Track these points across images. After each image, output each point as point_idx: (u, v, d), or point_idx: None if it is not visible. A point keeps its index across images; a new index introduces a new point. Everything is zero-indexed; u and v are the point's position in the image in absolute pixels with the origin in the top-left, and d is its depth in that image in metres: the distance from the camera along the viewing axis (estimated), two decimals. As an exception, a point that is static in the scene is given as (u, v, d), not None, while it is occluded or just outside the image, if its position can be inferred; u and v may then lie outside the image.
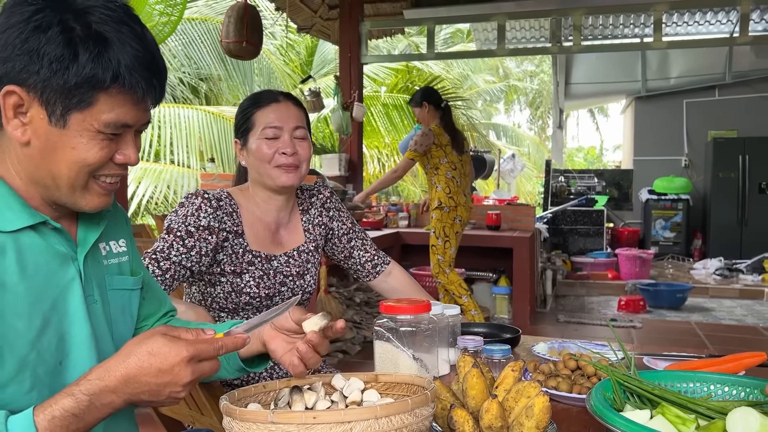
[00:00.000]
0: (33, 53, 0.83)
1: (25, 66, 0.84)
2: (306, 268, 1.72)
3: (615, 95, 10.98)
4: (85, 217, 1.00)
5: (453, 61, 13.70)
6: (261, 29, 4.32)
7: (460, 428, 1.03)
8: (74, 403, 0.81)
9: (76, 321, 0.94)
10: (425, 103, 4.25)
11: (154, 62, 0.91)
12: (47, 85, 0.84)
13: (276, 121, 1.63)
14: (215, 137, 8.23)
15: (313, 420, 0.84)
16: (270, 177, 1.63)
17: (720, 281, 7.24)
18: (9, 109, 0.86)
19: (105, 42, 0.85)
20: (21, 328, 0.86)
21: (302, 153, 1.65)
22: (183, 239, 1.53)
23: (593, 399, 0.99)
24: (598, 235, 8.37)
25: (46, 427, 0.79)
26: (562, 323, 5.25)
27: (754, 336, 4.84)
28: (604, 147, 22.92)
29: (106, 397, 0.83)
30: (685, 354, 1.59)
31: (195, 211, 1.57)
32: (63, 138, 0.87)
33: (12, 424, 0.79)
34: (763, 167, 8.45)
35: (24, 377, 0.86)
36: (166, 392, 0.86)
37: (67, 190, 0.91)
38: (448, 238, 4.25)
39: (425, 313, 1.39)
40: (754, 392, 1.08)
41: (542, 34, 7.72)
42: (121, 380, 0.84)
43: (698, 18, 7.47)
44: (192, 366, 0.86)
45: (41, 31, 0.84)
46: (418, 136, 4.21)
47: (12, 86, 0.85)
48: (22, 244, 0.89)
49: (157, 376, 0.84)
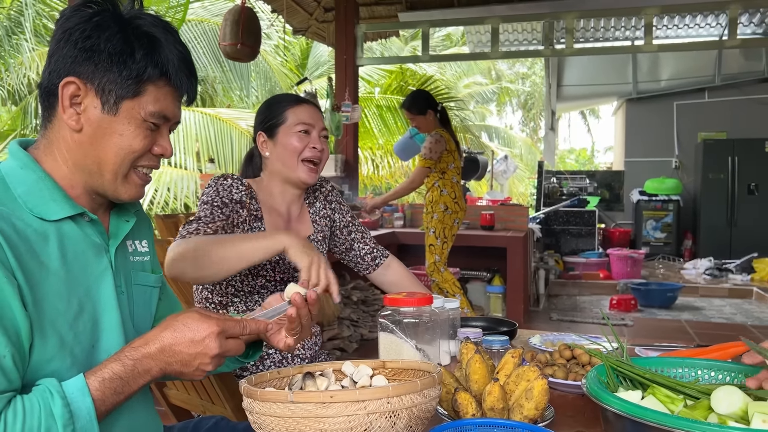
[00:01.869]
0: (94, 47, 0.95)
1: (86, 59, 0.95)
2: None
3: (606, 97, 11.10)
4: (117, 213, 1.08)
5: (446, 63, 13.79)
6: (258, 31, 4.35)
7: (464, 410, 1.10)
8: (121, 367, 0.90)
9: (108, 308, 1.01)
10: (430, 111, 4.19)
11: (193, 66, 1.05)
12: (105, 76, 0.96)
13: (309, 119, 1.77)
14: (212, 139, 8.28)
15: (330, 399, 0.90)
16: (295, 170, 1.75)
17: (710, 281, 7.34)
18: (66, 98, 0.96)
19: (156, 42, 0.98)
20: (62, 308, 0.92)
21: (326, 152, 1.79)
22: (220, 208, 1.64)
23: (589, 382, 1.06)
24: (589, 236, 8.47)
25: (98, 388, 0.88)
26: (555, 321, 5.32)
27: (743, 333, 4.91)
28: (595, 149, 23.08)
29: (147, 363, 0.92)
30: (674, 345, 1.67)
31: (228, 187, 1.69)
32: (113, 125, 0.98)
33: (67, 387, 0.86)
34: (751, 168, 8.58)
35: (65, 354, 0.92)
36: (195, 363, 0.95)
37: (111, 176, 1.00)
38: (447, 240, 4.29)
39: (427, 305, 1.46)
40: (739, 376, 1.15)
41: (535, 37, 7.80)
42: (159, 348, 0.93)
43: (688, 21, 7.57)
44: (220, 340, 0.95)
45: (102, 30, 0.96)
46: (432, 144, 4.14)
47: (71, 77, 0.96)
48: (63, 233, 0.96)
49: (189, 346, 0.94)
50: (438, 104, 4.30)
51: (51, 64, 0.98)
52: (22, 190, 0.94)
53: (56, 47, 0.97)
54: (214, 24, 8.72)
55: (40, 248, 0.92)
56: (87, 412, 0.85)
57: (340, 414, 0.90)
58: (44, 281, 0.90)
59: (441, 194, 4.26)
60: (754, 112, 9.16)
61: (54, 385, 0.85)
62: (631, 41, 8.07)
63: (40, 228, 0.93)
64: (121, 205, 1.09)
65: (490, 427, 1.03)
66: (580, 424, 1.20)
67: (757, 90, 9.19)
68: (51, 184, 0.97)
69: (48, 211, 0.95)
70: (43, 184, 0.96)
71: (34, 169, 0.97)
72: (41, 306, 0.89)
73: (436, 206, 4.28)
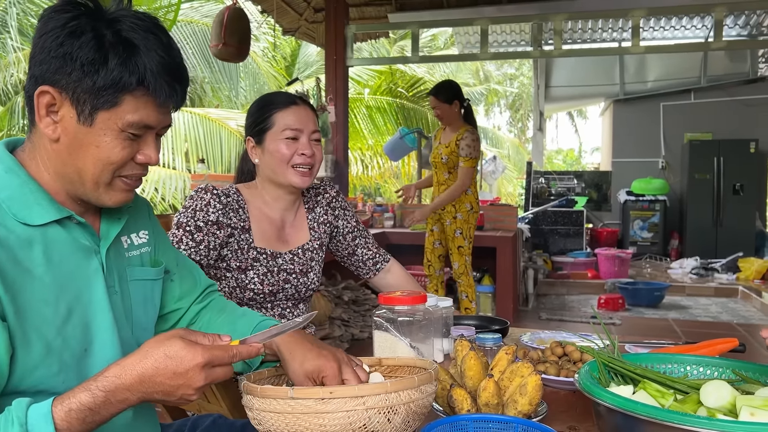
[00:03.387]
0: (67, 56, 0.90)
1: (59, 68, 0.91)
2: (310, 266, 1.78)
3: (594, 98, 11.18)
4: (108, 212, 1.06)
5: (435, 64, 13.83)
6: (244, 32, 4.28)
7: (460, 406, 1.12)
8: (91, 398, 0.84)
9: (100, 310, 1.00)
10: (456, 102, 4.11)
11: (178, 69, 0.98)
12: (78, 86, 0.91)
13: (297, 123, 1.69)
14: (201, 139, 8.26)
15: (329, 395, 0.92)
16: (285, 176, 1.68)
17: (696, 280, 7.42)
18: (42, 107, 0.93)
19: (133, 48, 0.92)
20: (48, 315, 0.91)
21: (318, 155, 1.72)
22: (192, 233, 1.60)
23: (581, 377, 1.08)
24: (577, 236, 8.54)
25: (63, 418, 0.82)
26: (544, 321, 5.36)
27: (728, 332, 4.98)
28: (582, 149, 23.23)
29: (121, 395, 0.86)
30: (663, 342, 1.70)
31: (204, 206, 1.63)
32: (89, 136, 0.94)
33: (32, 413, 0.82)
34: (737, 169, 8.67)
35: (51, 361, 0.91)
36: (178, 394, 0.89)
37: (92, 185, 0.97)
38: (471, 240, 4.24)
39: (421, 304, 1.48)
40: (727, 372, 1.18)
41: (523, 38, 7.85)
42: (137, 379, 0.86)
43: (674, 23, 7.66)
44: (206, 372, 0.89)
45: (75, 37, 0.91)
46: (472, 141, 4.05)
47: (46, 86, 0.92)
48: (48, 238, 0.95)
49: (172, 378, 0.87)
50: (465, 99, 4.22)
51: (30, 68, 0.94)
52: (6, 194, 0.93)
53: (33, 52, 0.93)
54: (204, 25, 8.71)
55: (23, 255, 0.90)
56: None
57: (339, 409, 0.91)
58: (28, 288, 0.89)
59: (466, 194, 4.20)
60: (739, 113, 9.27)
61: (19, 409, 0.82)
62: (618, 43, 8.14)
63: (24, 234, 0.92)
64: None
65: (485, 422, 1.05)
66: (573, 419, 1.23)
67: (743, 91, 9.29)
68: (35, 187, 0.96)
69: (32, 215, 0.93)
70: (27, 189, 0.95)
71: (18, 173, 0.95)
72: (24, 314, 0.88)
73: (461, 206, 4.20)
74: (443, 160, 4.21)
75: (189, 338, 0.90)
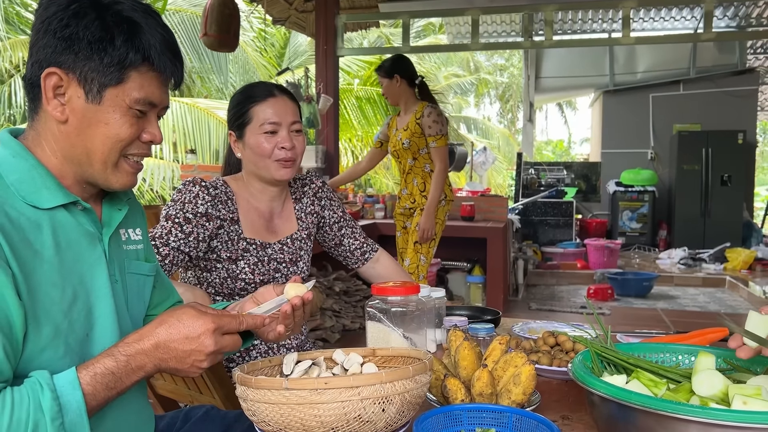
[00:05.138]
0: (73, 36, 0.93)
1: (66, 48, 0.93)
2: (299, 255, 1.79)
3: (584, 89, 11.20)
4: (109, 201, 1.07)
5: (425, 54, 13.80)
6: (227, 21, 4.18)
7: (454, 396, 1.12)
8: (114, 363, 0.90)
9: (102, 297, 1.01)
10: (396, 76, 3.65)
11: (177, 48, 1.02)
12: (86, 64, 0.94)
13: (275, 117, 1.67)
14: (190, 128, 8.20)
15: (324, 385, 0.91)
16: (268, 170, 1.68)
17: (684, 270, 7.49)
18: (49, 89, 0.94)
19: (136, 26, 0.96)
20: (56, 297, 0.92)
21: (299, 147, 1.70)
22: (181, 225, 1.59)
23: (575, 367, 1.08)
24: (567, 226, 8.58)
25: (89, 382, 0.88)
26: (534, 311, 5.39)
27: (716, 321, 5.03)
28: (572, 140, 23.31)
29: (140, 359, 0.92)
30: (654, 331, 1.71)
31: (193, 198, 1.62)
32: (98, 114, 0.96)
33: (58, 380, 0.86)
34: (725, 160, 8.73)
35: (58, 343, 0.92)
36: (190, 360, 0.95)
37: (100, 166, 0.99)
38: (435, 237, 3.68)
39: (414, 294, 1.47)
40: (718, 361, 1.19)
41: (513, 29, 7.85)
42: (153, 344, 0.93)
43: (664, 14, 7.69)
44: (216, 337, 0.96)
45: (80, 17, 0.93)
46: (434, 121, 3.58)
47: (52, 68, 0.93)
48: (56, 221, 0.95)
49: (184, 343, 0.94)
50: (416, 75, 3.77)
51: (33, 55, 0.95)
52: (15, 177, 0.93)
53: (36, 38, 0.95)
54: (192, 14, 8.63)
55: (34, 237, 0.91)
56: (77, 405, 0.85)
57: (334, 400, 0.91)
58: (38, 270, 0.90)
59: None
60: (727, 104, 9.33)
61: (45, 377, 0.85)
62: (608, 33, 8.16)
63: (33, 216, 0.92)
64: (113, 194, 1.08)
65: (479, 412, 1.05)
66: (566, 409, 1.23)
67: (731, 83, 9.34)
68: (44, 172, 0.96)
69: (41, 199, 0.94)
70: (36, 173, 0.95)
71: (26, 158, 0.96)
72: (35, 295, 0.89)
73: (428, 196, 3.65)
74: (404, 145, 3.70)
75: (199, 308, 0.98)
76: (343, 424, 0.92)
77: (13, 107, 8.57)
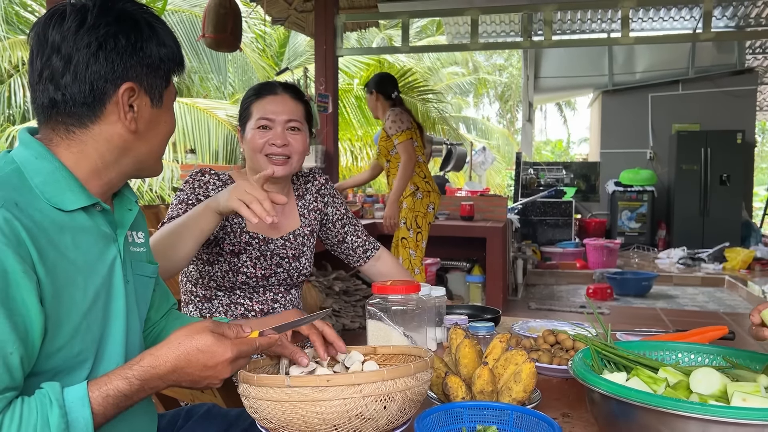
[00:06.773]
0: (140, 50, 0.99)
1: (137, 63, 0.99)
2: (301, 251, 1.80)
3: (583, 89, 11.21)
4: (119, 202, 1.09)
5: (423, 54, 13.80)
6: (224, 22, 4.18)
7: (455, 393, 1.13)
8: (127, 386, 0.91)
9: (118, 297, 1.02)
10: (374, 92, 4.02)
11: None
12: (151, 74, 1.01)
13: (269, 113, 1.69)
14: (189, 128, 8.20)
15: (326, 383, 0.92)
16: (260, 165, 1.69)
17: (683, 270, 7.50)
18: (126, 104, 0.99)
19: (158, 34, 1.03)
20: (77, 298, 0.93)
21: (294, 145, 1.70)
22: (195, 206, 1.60)
23: (575, 365, 1.09)
24: (566, 226, 8.59)
25: (100, 403, 0.88)
26: (534, 310, 5.40)
27: (715, 320, 5.05)
28: (570, 140, 23.32)
29: (155, 383, 0.94)
30: (654, 330, 1.71)
31: (204, 184, 1.67)
32: (161, 115, 1.05)
33: (68, 395, 0.86)
34: (724, 160, 8.73)
35: (74, 343, 0.93)
36: (205, 383, 0.96)
37: (155, 160, 1.09)
38: (421, 230, 3.84)
39: (414, 293, 1.48)
40: (717, 359, 1.19)
41: (512, 29, 7.86)
42: (170, 370, 0.93)
43: (663, 14, 7.70)
44: (233, 365, 0.97)
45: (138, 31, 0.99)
46: (394, 116, 3.86)
47: (129, 83, 0.98)
48: (77, 224, 0.96)
49: (202, 370, 0.95)
50: (393, 92, 4.06)
51: (79, 73, 0.95)
52: (39, 180, 0.94)
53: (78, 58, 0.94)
54: (191, 14, 8.63)
55: (58, 239, 0.91)
56: (84, 423, 0.86)
57: (336, 397, 0.91)
58: (62, 272, 0.90)
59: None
60: (726, 104, 9.33)
61: (55, 392, 0.85)
62: (607, 33, 8.17)
63: (57, 218, 0.93)
64: (122, 195, 1.09)
65: (480, 410, 1.06)
66: (566, 407, 1.24)
67: (730, 82, 9.36)
68: (67, 174, 0.97)
69: (65, 201, 0.95)
70: (60, 175, 0.96)
71: (50, 159, 0.96)
72: (59, 298, 0.89)
73: (406, 190, 3.89)
74: (378, 150, 4.16)
75: (218, 331, 0.96)
76: (344, 421, 0.93)
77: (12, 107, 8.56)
